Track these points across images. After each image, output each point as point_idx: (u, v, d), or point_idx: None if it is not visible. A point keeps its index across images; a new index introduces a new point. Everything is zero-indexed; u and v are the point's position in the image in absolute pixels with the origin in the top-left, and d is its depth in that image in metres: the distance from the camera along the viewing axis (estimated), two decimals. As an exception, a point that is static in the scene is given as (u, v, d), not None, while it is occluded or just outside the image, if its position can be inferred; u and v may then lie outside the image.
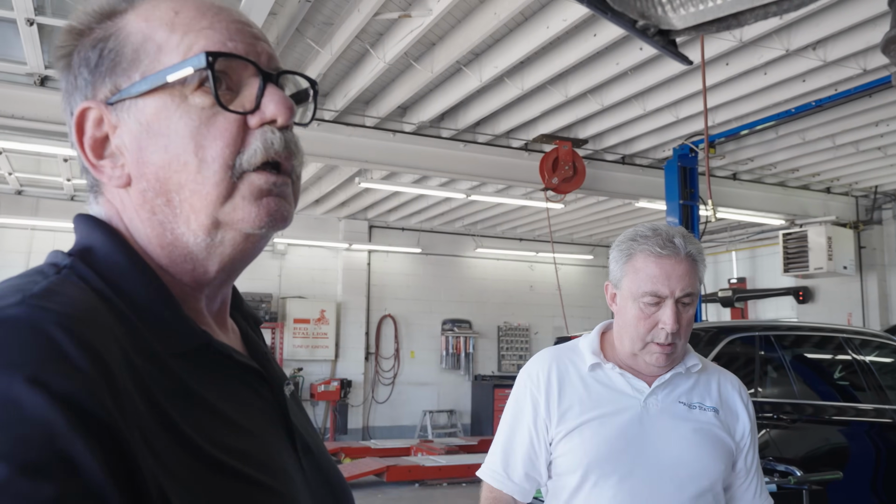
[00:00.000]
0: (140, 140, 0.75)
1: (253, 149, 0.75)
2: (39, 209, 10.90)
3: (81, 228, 0.78)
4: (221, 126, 0.75)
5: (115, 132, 0.77)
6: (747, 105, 7.31)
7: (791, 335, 5.24)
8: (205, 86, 0.75)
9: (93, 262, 0.73)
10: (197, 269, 0.78)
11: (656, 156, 9.17)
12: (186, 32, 0.76)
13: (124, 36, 0.77)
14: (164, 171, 0.75)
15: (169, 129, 0.74)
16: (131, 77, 0.76)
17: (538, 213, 11.54)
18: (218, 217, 0.75)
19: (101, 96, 0.77)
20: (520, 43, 6.04)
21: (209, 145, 0.74)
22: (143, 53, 0.76)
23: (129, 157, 0.76)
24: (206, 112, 0.75)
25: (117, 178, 0.77)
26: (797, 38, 5.92)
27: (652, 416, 1.74)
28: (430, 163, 8.22)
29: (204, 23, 0.77)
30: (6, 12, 5.31)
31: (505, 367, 14.01)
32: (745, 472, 1.83)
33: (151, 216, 0.76)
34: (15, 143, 7.19)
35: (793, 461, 4.12)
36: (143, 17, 0.78)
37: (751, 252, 13.16)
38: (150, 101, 0.75)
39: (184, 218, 0.75)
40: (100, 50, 0.77)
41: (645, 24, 0.77)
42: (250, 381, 0.80)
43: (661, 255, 1.72)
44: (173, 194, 0.75)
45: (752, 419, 1.85)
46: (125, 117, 0.76)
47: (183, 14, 0.77)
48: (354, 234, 12.76)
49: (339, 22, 5.86)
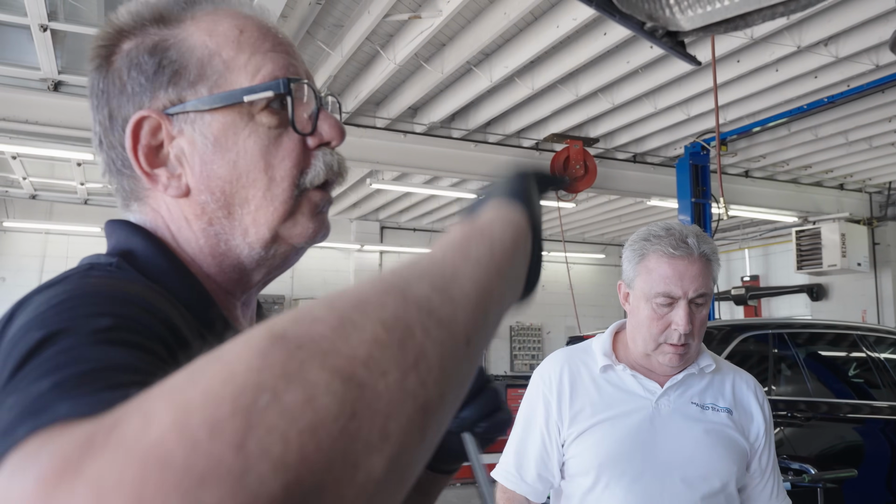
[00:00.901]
0: (204, 153, 0.77)
1: (317, 169, 0.80)
2: (53, 213, 10.99)
3: (119, 233, 0.79)
4: (288, 146, 0.78)
5: (172, 142, 0.78)
6: (759, 102, 7.28)
7: (805, 333, 5.22)
8: (271, 106, 0.77)
9: (136, 264, 0.74)
10: (242, 278, 0.81)
11: (668, 154, 9.14)
12: (253, 53, 0.79)
13: (187, 48, 0.78)
14: (231, 185, 0.77)
15: (237, 146, 0.77)
16: (198, 91, 0.77)
17: (549, 212, 11.52)
18: (279, 232, 0.78)
19: (158, 105, 0.77)
20: (530, 42, 6.04)
21: (278, 164, 0.77)
22: (209, 69, 0.77)
23: (191, 168, 0.77)
24: (273, 132, 0.78)
25: (175, 188, 0.78)
26: (808, 35, 5.89)
27: (664, 417, 1.74)
28: (441, 163, 8.23)
29: (267, 45, 0.80)
30: (20, 18, 5.36)
31: (517, 367, 13.99)
32: (761, 472, 1.83)
33: (208, 227, 0.78)
34: (29, 148, 7.25)
35: (807, 459, 4.11)
36: (206, 32, 0.79)
37: (764, 250, 13.09)
38: (217, 117, 0.77)
39: (241, 230, 0.78)
40: (159, 57, 0.77)
41: (653, 26, 0.77)
42: None
43: (673, 255, 1.71)
44: (236, 208, 0.77)
45: (767, 420, 1.84)
46: (187, 129, 0.77)
47: (247, 34, 0.80)
48: (366, 235, 12.78)
49: (349, 24, 5.88)
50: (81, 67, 6.29)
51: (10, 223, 10.66)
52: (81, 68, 6.30)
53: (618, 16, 0.79)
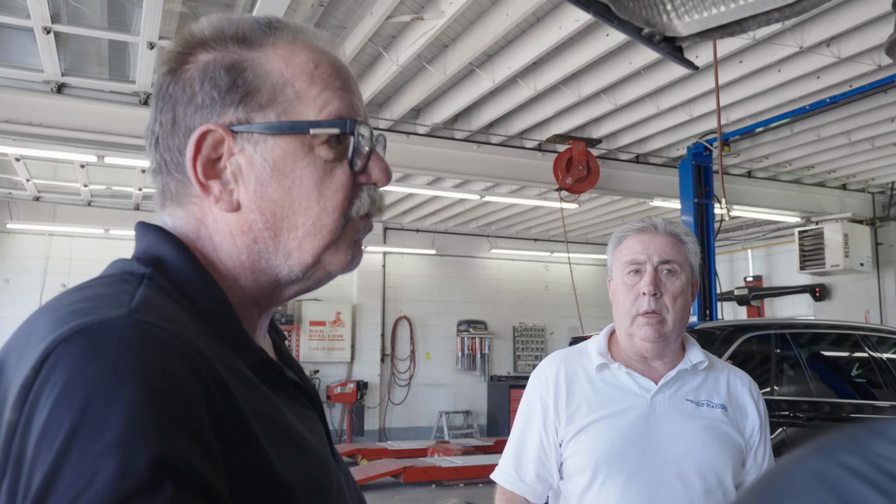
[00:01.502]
0: (261, 175, 0.80)
1: (361, 202, 0.84)
2: (57, 215, 11.01)
3: (149, 238, 0.80)
4: (340, 180, 0.82)
5: (231, 158, 0.80)
6: (762, 102, 7.28)
7: (807, 333, 5.23)
8: (330, 141, 0.81)
9: (166, 273, 0.76)
10: (275, 294, 0.85)
11: (670, 154, 9.15)
12: (324, 89, 0.83)
13: (263, 73, 0.81)
14: (283, 210, 0.80)
15: (294, 174, 0.80)
16: (266, 115, 0.80)
17: (552, 213, 11.53)
18: (321, 258, 0.82)
19: (225, 121, 0.80)
20: (532, 44, 6.05)
21: (331, 196, 0.81)
22: (280, 96, 0.80)
23: (245, 186, 0.80)
24: (329, 165, 0.82)
25: (226, 203, 0.80)
26: (811, 35, 5.89)
27: (659, 414, 1.76)
28: (443, 164, 8.24)
29: (338, 83, 0.84)
30: (23, 21, 5.37)
31: (521, 367, 14.00)
32: (757, 468, 1.84)
33: (252, 244, 0.81)
34: (32, 150, 7.27)
35: (810, 460, 4.11)
36: (284, 60, 0.82)
37: (767, 250, 13.09)
38: (280, 142, 0.80)
39: (284, 253, 0.81)
40: (234, 76, 0.80)
41: (650, 32, 0.78)
42: (295, 394, 0.85)
43: (640, 231, 1.84)
44: (284, 232, 0.80)
45: (762, 416, 1.86)
46: (249, 148, 0.80)
47: (321, 69, 0.83)
48: (369, 236, 12.38)
49: (351, 26, 5.89)
50: (85, 69, 6.32)
51: (13, 225, 10.69)
52: (85, 70, 6.32)
53: (615, 21, 0.80)
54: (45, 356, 0.60)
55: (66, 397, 0.58)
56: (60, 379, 0.59)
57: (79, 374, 0.59)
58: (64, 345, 0.61)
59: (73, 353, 0.60)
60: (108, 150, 7.03)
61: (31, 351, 0.63)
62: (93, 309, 0.65)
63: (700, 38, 0.78)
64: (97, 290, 0.70)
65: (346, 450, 10.76)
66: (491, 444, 11.17)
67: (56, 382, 0.59)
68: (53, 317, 0.65)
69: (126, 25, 5.51)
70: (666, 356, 1.83)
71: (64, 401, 0.57)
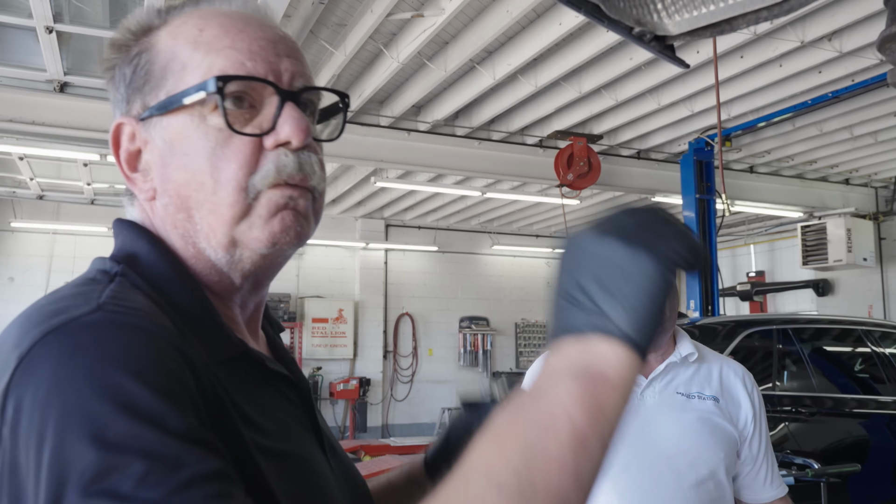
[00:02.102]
0: (164, 157, 0.78)
1: (265, 171, 0.76)
2: (60, 213, 11.04)
3: (124, 235, 0.80)
4: (236, 148, 0.75)
5: (147, 147, 0.80)
6: (763, 97, 7.27)
7: (809, 328, 5.23)
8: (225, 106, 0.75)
9: (140, 269, 0.75)
10: (223, 280, 0.80)
11: (672, 150, 9.14)
12: (208, 52, 0.77)
13: (154, 53, 0.79)
14: (185, 188, 0.76)
15: (189, 149, 0.76)
16: (158, 95, 0.78)
17: (554, 209, 11.53)
18: (235, 236, 0.76)
19: (133, 112, 0.80)
20: (533, 40, 6.05)
21: (224, 167, 0.75)
22: (168, 72, 0.78)
23: (155, 172, 0.79)
24: (223, 133, 0.75)
25: (145, 192, 0.80)
26: (812, 30, 5.88)
27: (649, 407, 1.77)
28: (445, 161, 8.25)
29: (226, 41, 0.77)
30: (25, 20, 5.39)
31: (523, 363, 14.01)
32: (752, 459, 1.85)
33: (174, 229, 0.79)
34: (36, 149, 7.29)
35: (812, 454, 4.12)
36: (172, 35, 0.79)
37: (769, 245, 13.07)
38: (173, 120, 0.77)
39: (203, 234, 0.77)
40: (134, 66, 0.80)
41: (641, 31, 0.79)
42: (281, 387, 0.82)
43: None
44: (193, 211, 0.77)
45: (756, 407, 1.86)
46: (153, 134, 0.79)
47: (207, 32, 0.78)
48: (371, 233, 12.81)
49: (352, 23, 5.90)
50: (87, 68, 6.33)
51: (17, 223, 10.71)
52: (87, 69, 6.33)
53: (606, 21, 0.80)
54: (20, 360, 0.60)
55: (50, 400, 0.57)
56: (41, 383, 0.58)
57: (59, 373, 0.58)
58: (38, 347, 0.60)
59: (50, 355, 0.59)
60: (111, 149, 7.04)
61: (5, 358, 0.62)
62: (63, 309, 0.64)
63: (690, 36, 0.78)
64: (69, 292, 0.69)
65: (348, 446, 10.77)
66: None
67: (37, 387, 0.58)
68: (26, 321, 0.65)
69: (127, 24, 5.51)
70: (659, 348, 1.84)
71: (51, 404, 0.57)
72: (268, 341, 0.92)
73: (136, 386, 0.58)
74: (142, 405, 0.57)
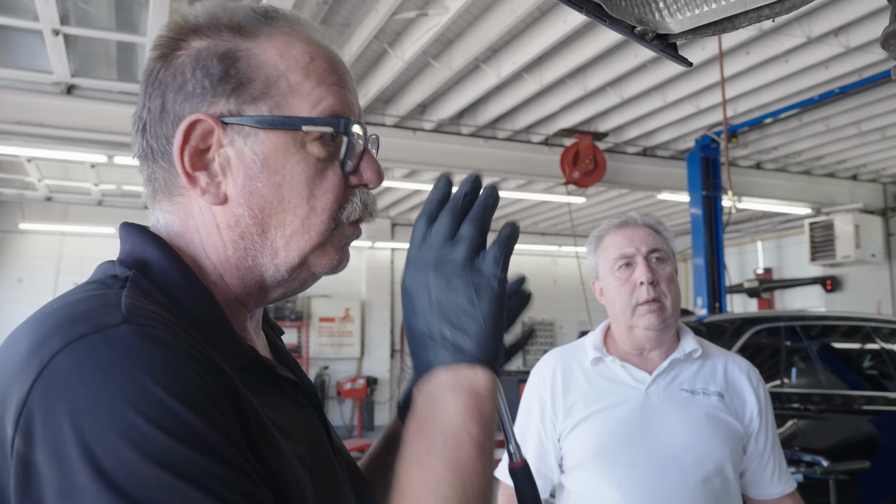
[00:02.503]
0: (251, 169, 0.78)
1: (354, 206, 0.82)
2: (68, 215, 11.09)
3: (133, 239, 0.79)
4: (332, 181, 0.80)
5: (220, 150, 0.78)
6: (770, 94, 7.25)
7: (817, 325, 5.21)
8: (323, 139, 0.79)
9: (150, 275, 0.74)
10: (260, 294, 0.82)
11: (678, 147, 9.12)
12: (319, 84, 0.80)
13: (257, 63, 0.78)
14: (271, 206, 0.78)
15: (285, 170, 0.78)
16: (259, 107, 0.78)
17: (560, 207, 11.52)
18: (308, 259, 0.81)
19: (215, 111, 0.77)
20: (537, 38, 6.04)
21: (321, 196, 0.79)
22: (274, 88, 0.78)
23: (233, 179, 0.78)
24: (321, 163, 0.80)
25: (213, 195, 0.78)
26: (818, 25, 5.86)
27: (654, 404, 1.77)
28: (450, 160, 8.25)
29: (334, 78, 0.81)
30: (32, 23, 5.41)
31: (530, 362, 13.99)
32: (759, 455, 1.84)
33: (239, 240, 0.79)
34: (43, 151, 7.32)
35: (821, 452, 4.10)
36: (279, 52, 0.79)
37: (777, 242, 13.03)
38: (271, 136, 0.78)
39: (271, 251, 0.79)
40: (227, 66, 0.78)
41: (643, 30, 0.79)
42: (290, 391, 0.84)
43: (620, 226, 1.87)
44: (271, 229, 0.78)
45: (762, 402, 1.85)
46: (239, 141, 0.78)
47: (317, 63, 0.81)
48: (377, 232, 12.83)
49: (356, 23, 5.90)
50: (94, 70, 6.35)
51: (25, 225, 10.76)
52: (94, 71, 6.36)
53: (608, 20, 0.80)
54: (41, 369, 0.59)
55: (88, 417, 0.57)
56: (76, 398, 0.57)
57: (95, 389, 0.58)
58: (64, 356, 0.59)
59: (80, 367, 0.59)
60: (118, 150, 7.07)
61: (20, 363, 0.61)
62: (83, 315, 0.63)
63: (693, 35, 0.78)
64: (81, 295, 0.68)
65: (356, 445, 10.79)
66: (500, 439, 11.14)
67: (70, 402, 0.57)
68: (39, 326, 0.63)
69: (134, 26, 5.54)
70: (664, 345, 1.84)
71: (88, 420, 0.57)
72: (269, 344, 0.93)
73: (177, 405, 0.59)
74: (185, 425, 0.58)
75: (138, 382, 0.58)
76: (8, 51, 6.10)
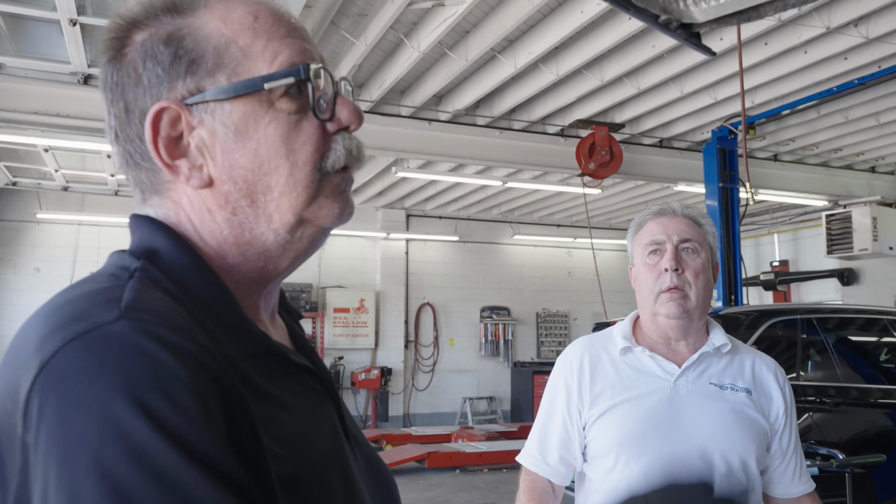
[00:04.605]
0: (226, 142, 0.77)
1: (337, 154, 0.80)
2: (85, 205, 11.18)
3: (142, 230, 0.79)
4: (308, 132, 0.79)
5: (192, 132, 0.77)
6: (788, 85, 7.18)
7: (834, 318, 5.18)
8: (290, 92, 0.78)
9: (159, 263, 0.74)
10: (268, 266, 0.81)
11: (695, 138, 9.06)
12: (270, 40, 0.79)
13: (202, 36, 0.77)
14: (254, 173, 0.77)
15: (258, 134, 0.77)
16: (216, 80, 0.77)
17: (575, 198, 11.49)
18: (304, 215, 0.79)
19: (176, 95, 0.76)
20: (554, 28, 6.01)
21: (300, 150, 0.78)
22: (226, 57, 0.77)
23: (212, 158, 0.77)
24: (293, 117, 0.78)
25: (197, 179, 0.78)
26: (838, 16, 5.80)
27: (682, 397, 1.76)
28: (466, 151, 8.24)
29: (283, 30, 0.80)
30: (50, 13, 5.45)
31: (544, 353, 14.01)
32: (782, 453, 1.84)
33: (231, 216, 0.78)
34: (60, 141, 7.38)
35: (836, 445, 4.09)
36: (221, 19, 0.78)
37: (793, 234, 12.94)
38: (237, 105, 0.77)
39: (266, 217, 0.78)
40: (174, 47, 0.77)
41: (667, 19, 0.78)
42: (305, 378, 0.83)
43: (658, 215, 1.89)
44: (259, 195, 0.77)
45: (787, 401, 1.85)
46: (207, 119, 0.77)
47: (262, 20, 0.79)
48: (392, 223, 12.84)
49: (373, 13, 5.90)
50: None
51: (43, 215, 10.86)
52: (110, 61, 6.39)
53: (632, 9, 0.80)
54: (41, 367, 0.60)
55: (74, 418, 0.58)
56: (66, 399, 0.58)
57: (84, 389, 0.58)
58: (60, 356, 0.60)
59: (74, 368, 0.60)
60: (134, 140, 7.11)
61: (25, 359, 0.62)
62: (83, 313, 0.64)
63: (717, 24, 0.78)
64: (88, 289, 0.69)
65: (370, 435, 10.85)
66: (515, 430, 11.20)
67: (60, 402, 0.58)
68: (45, 322, 0.65)
69: (150, 16, 5.56)
70: (690, 336, 1.84)
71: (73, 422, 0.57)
72: (288, 331, 0.92)
73: (164, 406, 0.59)
74: (171, 427, 0.58)
75: (127, 381, 0.59)
76: (25, 41, 6.15)
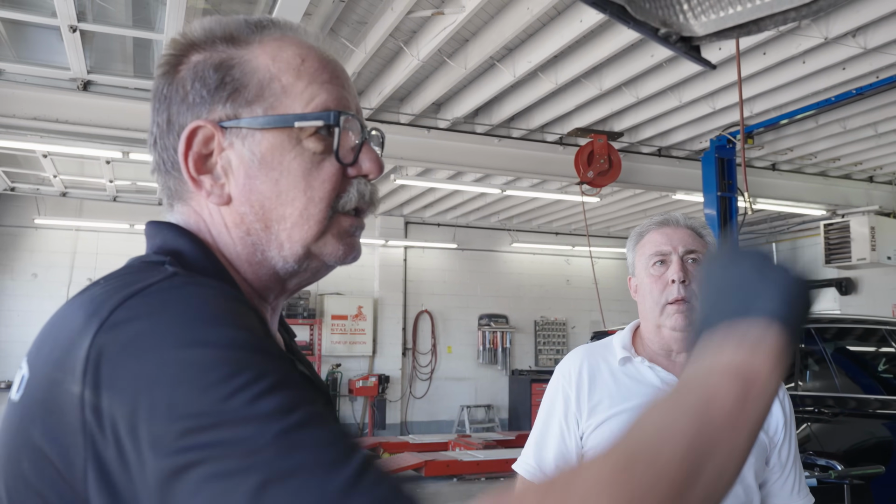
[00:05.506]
0: (250, 168, 0.82)
1: (350, 196, 0.85)
2: (83, 210, 11.16)
3: (164, 234, 0.84)
4: (329, 171, 0.84)
5: (222, 153, 0.83)
6: (786, 94, 7.20)
7: (832, 328, 5.17)
8: (319, 133, 0.83)
9: (185, 263, 0.79)
10: (278, 284, 0.88)
11: (693, 147, 9.08)
12: (311, 83, 0.84)
13: (250, 69, 0.83)
14: (271, 201, 0.82)
15: (282, 166, 0.82)
16: (254, 110, 0.82)
17: (574, 206, 11.49)
18: (311, 249, 0.84)
19: (214, 117, 0.83)
20: (553, 37, 6.03)
21: (318, 186, 0.83)
22: (268, 91, 0.83)
23: (235, 180, 0.83)
24: (317, 157, 0.83)
25: (217, 196, 0.83)
26: (836, 26, 5.82)
27: None
28: (464, 158, 8.25)
29: (325, 76, 0.86)
30: (49, 20, 5.45)
31: (542, 361, 13.98)
32: (781, 467, 1.83)
33: (245, 236, 0.84)
34: (59, 147, 7.37)
35: (835, 456, 4.08)
36: (270, 56, 0.84)
37: (792, 244, 12.95)
38: (267, 136, 0.82)
39: (277, 244, 0.83)
40: (222, 74, 0.83)
41: (667, 32, 0.78)
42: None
43: (661, 224, 1.89)
44: (274, 223, 0.83)
45: (787, 414, 1.84)
46: (238, 143, 0.83)
47: (308, 63, 0.85)
48: (390, 230, 12.83)
49: (372, 21, 5.91)
50: (110, 67, 6.39)
51: (41, 220, 10.84)
52: (110, 68, 6.39)
53: (632, 22, 0.80)
54: (101, 324, 0.64)
55: (151, 349, 0.61)
56: (134, 336, 0.63)
57: (154, 325, 0.63)
58: (120, 310, 0.64)
59: (138, 314, 0.64)
60: (133, 147, 7.10)
61: (79, 329, 0.65)
62: (133, 281, 0.69)
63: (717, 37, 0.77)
64: (124, 273, 0.74)
65: (367, 443, 10.80)
66: (512, 439, 11.17)
67: (128, 339, 0.62)
68: (90, 301, 0.68)
69: (150, 23, 5.56)
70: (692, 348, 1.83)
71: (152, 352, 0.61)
72: (284, 345, 0.96)
73: (236, 331, 0.64)
74: (242, 337, 0.64)
75: (193, 310, 0.65)
76: (25, 47, 6.15)
